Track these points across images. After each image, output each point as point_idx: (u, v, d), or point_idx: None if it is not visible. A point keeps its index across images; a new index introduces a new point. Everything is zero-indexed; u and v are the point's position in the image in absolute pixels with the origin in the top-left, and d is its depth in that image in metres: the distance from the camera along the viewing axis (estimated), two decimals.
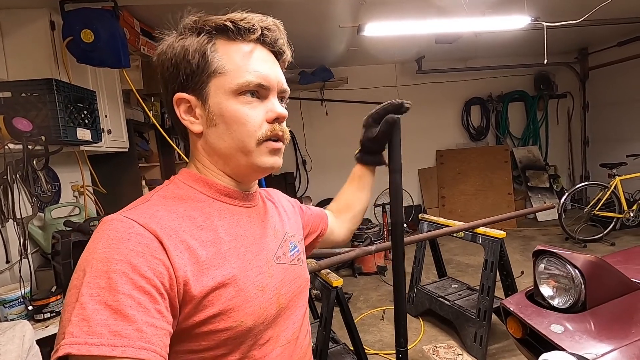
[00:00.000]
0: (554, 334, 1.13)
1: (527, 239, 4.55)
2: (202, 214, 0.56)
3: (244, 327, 0.54)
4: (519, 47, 4.74)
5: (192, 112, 0.58)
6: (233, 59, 0.56)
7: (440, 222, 2.73)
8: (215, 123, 0.57)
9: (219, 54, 0.56)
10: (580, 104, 5.65)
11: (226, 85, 0.55)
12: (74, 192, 2.28)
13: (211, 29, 0.56)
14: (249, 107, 0.56)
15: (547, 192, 5.39)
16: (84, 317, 0.42)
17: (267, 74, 0.57)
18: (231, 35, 0.56)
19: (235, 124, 0.56)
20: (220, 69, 0.55)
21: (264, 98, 0.58)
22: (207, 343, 0.52)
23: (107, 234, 0.48)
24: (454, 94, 5.45)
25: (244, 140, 0.56)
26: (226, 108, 0.56)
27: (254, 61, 0.56)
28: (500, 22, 2.72)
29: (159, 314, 0.45)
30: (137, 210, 0.53)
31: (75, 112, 1.76)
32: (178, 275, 0.48)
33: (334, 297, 1.75)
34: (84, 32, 1.82)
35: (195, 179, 0.59)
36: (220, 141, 0.57)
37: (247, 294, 0.55)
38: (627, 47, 4.74)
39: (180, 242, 0.51)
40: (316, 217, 0.86)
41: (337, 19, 3.18)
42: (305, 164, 5.22)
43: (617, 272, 1.25)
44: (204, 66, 0.55)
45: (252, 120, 0.56)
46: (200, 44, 0.56)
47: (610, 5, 2.54)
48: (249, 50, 0.57)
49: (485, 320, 2.22)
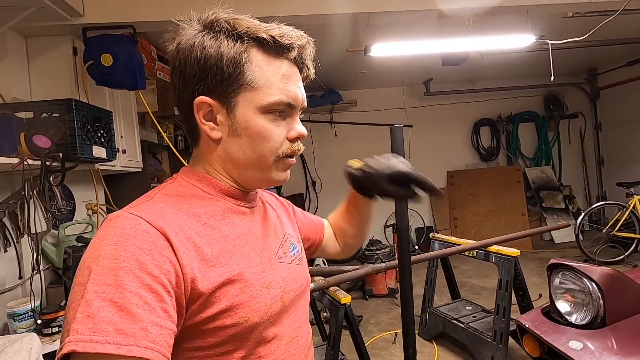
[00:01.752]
0: (573, 351, 1.07)
1: (544, 261, 4.38)
2: (206, 212, 0.56)
3: (250, 323, 0.54)
4: (526, 68, 4.78)
5: (212, 117, 0.57)
6: (266, 75, 0.55)
7: (452, 240, 2.68)
8: (239, 134, 0.56)
9: (252, 67, 0.54)
10: (592, 123, 5.60)
11: (256, 100, 0.55)
12: (87, 210, 2.34)
13: (250, 39, 0.54)
14: (275, 124, 0.57)
15: (562, 213, 5.25)
16: (89, 314, 0.41)
17: (296, 95, 0.58)
18: (267, 49, 0.55)
19: (259, 139, 0.56)
20: (253, 83, 0.54)
21: (287, 116, 0.58)
22: (213, 339, 0.52)
23: (114, 231, 0.47)
24: (463, 115, 5.47)
25: (265, 156, 0.57)
26: (254, 123, 0.56)
27: (285, 80, 0.56)
28: (504, 41, 2.77)
29: (165, 313, 0.45)
30: (142, 207, 0.52)
31: (92, 131, 1.83)
32: (185, 273, 0.48)
33: (342, 315, 1.70)
34: (104, 57, 1.93)
35: (199, 178, 0.60)
36: (241, 152, 0.57)
37: (253, 291, 0.55)
38: (636, 66, 4.74)
39: (186, 239, 0.51)
40: (312, 224, 0.84)
41: (345, 44, 3.29)
42: (315, 185, 5.23)
43: (638, 285, 1.19)
44: (237, 76, 0.54)
45: (276, 138, 0.57)
46: (236, 53, 0.54)
47: (617, 26, 2.56)
48: (282, 67, 0.56)
49: (502, 343, 2.12)
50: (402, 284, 0.87)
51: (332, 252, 0.89)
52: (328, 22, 2.30)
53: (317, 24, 2.58)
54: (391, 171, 0.73)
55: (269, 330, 0.57)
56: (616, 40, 3.86)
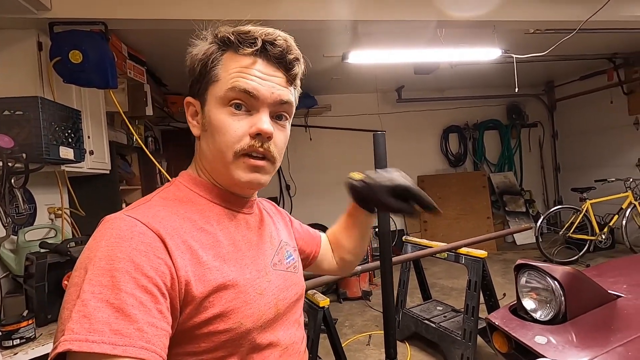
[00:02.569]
0: (539, 345, 1.15)
1: (508, 262, 4.63)
2: (202, 217, 0.57)
3: (243, 329, 0.54)
4: (491, 79, 5.05)
5: (196, 116, 0.61)
6: (228, 69, 0.56)
7: (424, 243, 2.77)
8: (206, 129, 0.58)
9: (219, 64, 0.57)
10: (550, 132, 6.00)
11: (217, 93, 0.56)
12: (50, 214, 2.21)
13: (219, 40, 0.58)
14: (234, 118, 0.55)
15: (523, 216, 5.56)
16: (85, 314, 0.41)
17: (256, 86, 0.55)
18: (234, 47, 0.57)
19: (217, 133, 0.56)
20: (215, 77, 0.57)
21: (254, 111, 0.56)
22: (206, 345, 0.52)
23: (110, 232, 0.48)
24: (433, 122, 5.68)
25: (222, 150, 0.56)
26: (214, 116, 0.56)
27: (246, 71, 0.56)
28: (473, 53, 2.92)
29: (160, 314, 0.45)
30: (139, 209, 0.53)
31: (59, 131, 1.74)
32: (180, 275, 0.49)
33: (321, 317, 1.72)
34: (73, 53, 1.84)
35: (196, 182, 0.61)
36: (207, 147, 0.59)
37: (246, 296, 0.55)
38: (589, 80, 5.13)
39: (182, 242, 0.51)
40: (308, 237, 0.83)
41: (322, 49, 3.33)
42: (289, 188, 5.23)
43: (594, 283, 1.30)
44: (205, 73, 0.58)
45: (232, 132, 0.55)
46: (206, 55, 0.58)
47: (572, 43, 2.77)
48: (248, 62, 0.56)
49: (471, 341, 2.22)
50: (383, 286, 0.90)
51: (327, 268, 0.86)
52: (304, 28, 2.33)
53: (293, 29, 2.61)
54: (392, 184, 0.72)
55: (263, 336, 0.57)
56: (571, 56, 4.18)
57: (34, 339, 1.40)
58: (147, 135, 3.94)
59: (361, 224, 0.83)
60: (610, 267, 1.69)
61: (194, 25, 0.62)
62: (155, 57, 3.19)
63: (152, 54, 3.11)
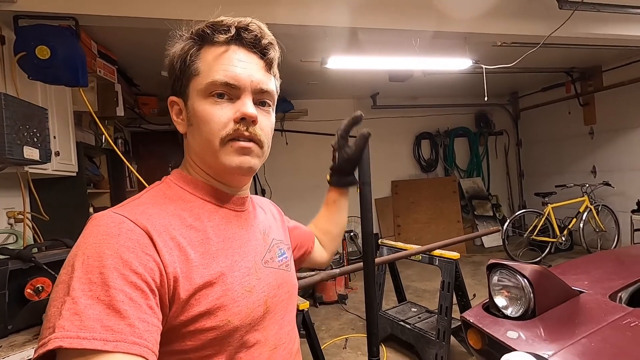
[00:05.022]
0: (510, 340, 1.21)
1: (477, 264, 4.81)
2: (191, 215, 0.56)
3: (231, 326, 0.53)
4: (461, 89, 5.28)
5: (181, 114, 0.61)
6: (206, 61, 0.57)
7: (399, 246, 2.83)
8: (191, 123, 0.58)
9: (197, 59, 0.57)
10: (515, 140, 6.33)
11: (198, 86, 0.57)
12: (9, 219, 2.07)
13: (193, 35, 0.58)
14: (216, 107, 0.56)
15: (491, 220, 5.81)
16: (75, 312, 0.41)
17: (236, 74, 0.56)
18: (209, 38, 0.57)
19: (202, 123, 0.56)
20: (195, 71, 0.57)
21: (235, 98, 0.57)
22: (193, 343, 0.51)
23: (98, 229, 0.47)
24: (406, 128, 5.85)
25: (209, 140, 0.56)
26: (197, 108, 0.57)
27: (224, 61, 0.56)
28: (446, 62, 3.05)
29: (150, 310, 0.45)
30: (127, 207, 0.53)
31: (24, 130, 1.65)
32: (168, 272, 0.48)
33: (300, 321, 1.71)
34: (40, 49, 1.75)
35: (186, 181, 0.60)
36: (195, 141, 0.59)
37: (234, 294, 0.54)
38: (549, 92, 5.48)
39: (170, 239, 0.51)
40: (305, 233, 0.87)
41: (300, 54, 3.36)
42: (264, 193, 5.18)
43: (560, 280, 1.38)
44: (184, 69, 0.58)
45: (216, 119, 0.56)
46: (183, 51, 0.58)
47: (535, 57, 2.96)
48: (223, 51, 0.57)
49: (445, 341, 2.28)
50: (366, 284, 0.91)
51: (320, 259, 0.91)
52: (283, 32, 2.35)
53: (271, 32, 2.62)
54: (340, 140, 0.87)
55: (251, 335, 0.57)
56: (535, 69, 4.45)
57: None
58: (117, 137, 3.80)
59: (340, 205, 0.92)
60: (572, 266, 1.80)
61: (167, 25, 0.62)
62: (127, 55, 3.09)
63: (124, 53, 3.01)
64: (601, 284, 1.44)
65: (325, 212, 0.93)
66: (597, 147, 4.95)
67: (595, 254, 2.19)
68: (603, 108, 4.83)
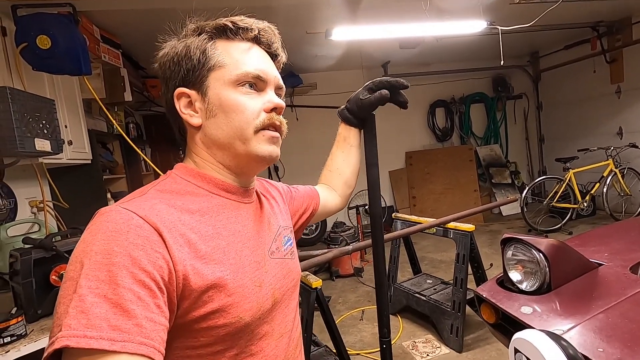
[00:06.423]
0: (524, 315, 1.19)
1: (494, 233, 4.76)
2: (200, 209, 0.56)
3: (242, 323, 0.54)
4: (476, 52, 5.01)
5: (191, 106, 0.59)
6: (232, 54, 0.59)
7: (413, 219, 2.81)
8: (215, 114, 0.58)
9: (218, 51, 0.58)
10: (535, 104, 6.04)
11: (226, 77, 0.57)
12: (32, 208, 2.15)
13: (211, 29, 0.59)
14: (248, 97, 0.58)
15: (509, 188, 5.68)
16: (82, 310, 0.41)
17: (264, 68, 0.60)
18: (230, 34, 0.59)
19: (234, 112, 0.57)
20: (220, 63, 0.58)
21: (261, 91, 0.60)
22: (205, 339, 0.52)
23: (106, 226, 0.46)
24: (419, 97, 5.65)
25: (242, 128, 0.57)
26: (226, 97, 0.57)
27: (252, 55, 0.60)
28: (459, 26, 2.87)
29: (158, 309, 0.45)
30: (135, 202, 0.52)
31: (33, 122, 1.67)
32: (177, 269, 0.48)
33: (314, 298, 1.75)
34: (40, 38, 1.74)
35: (193, 174, 0.59)
36: (219, 131, 0.58)
37: (245, 290, 0.55)
38: (572, 50, 5.14)
39: (180, 235, 0.50)
40: (306, 197, 0.87)
41: (305, 25, 3.23)
42: (277, 170, 5.20)
43: (577, 253, 1.34)
44: (205, 61, 0.58)
45: (250, 108, 0.58)
46: (201, 42, 0.59)
47: (556, 13, 2.75)
48: (247, 47, 0.60)
49: (460, 312, 2.30)
50: (376, 269, 0.90)
51: (333, 207, 0.93)
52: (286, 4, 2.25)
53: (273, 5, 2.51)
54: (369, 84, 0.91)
55: (261, 327, 0.58)
56: (556, 26, 4.15)
57: (25, 335, 1.39)
58: (128, 122, 3.83)
59: (356, 143, 0.93)
60: (592, 236, 1.74)
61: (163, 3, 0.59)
62: (131, 38, 3.04)
63: (127, 36, 2.97)
64: (622, 256, 1.39)
65: (336, 150, 0.94)
66: (625, 106, 4.67)
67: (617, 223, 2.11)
68: (632, 64, 4.51)
